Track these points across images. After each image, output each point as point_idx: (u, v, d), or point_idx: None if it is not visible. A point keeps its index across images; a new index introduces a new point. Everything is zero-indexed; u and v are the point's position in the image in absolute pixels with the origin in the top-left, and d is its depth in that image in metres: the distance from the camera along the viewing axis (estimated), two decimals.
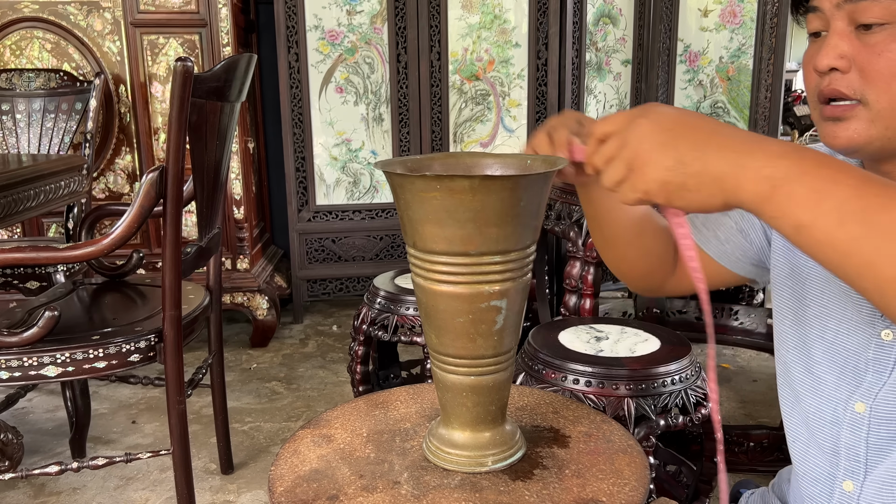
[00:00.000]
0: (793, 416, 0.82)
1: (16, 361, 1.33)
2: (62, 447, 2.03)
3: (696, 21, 3.10)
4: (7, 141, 2.31)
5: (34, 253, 1.34)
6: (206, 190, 1.54)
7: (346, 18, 2.91)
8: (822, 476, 0.77)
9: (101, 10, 2.54)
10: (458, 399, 0.71)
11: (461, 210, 0.63)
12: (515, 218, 0.65)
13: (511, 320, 0.69)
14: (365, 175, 3.06)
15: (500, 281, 0.67)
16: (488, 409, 0.71)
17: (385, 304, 1.82)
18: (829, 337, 0.75)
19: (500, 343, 0.70)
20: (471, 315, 0.67)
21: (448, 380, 0.71)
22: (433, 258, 0.67)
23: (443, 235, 0.65)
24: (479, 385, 0.70)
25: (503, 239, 0.65)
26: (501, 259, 0.66)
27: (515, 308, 0.69)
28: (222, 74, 1.47)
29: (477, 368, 0.70)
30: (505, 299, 0.67)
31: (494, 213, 0.63)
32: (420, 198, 0.64)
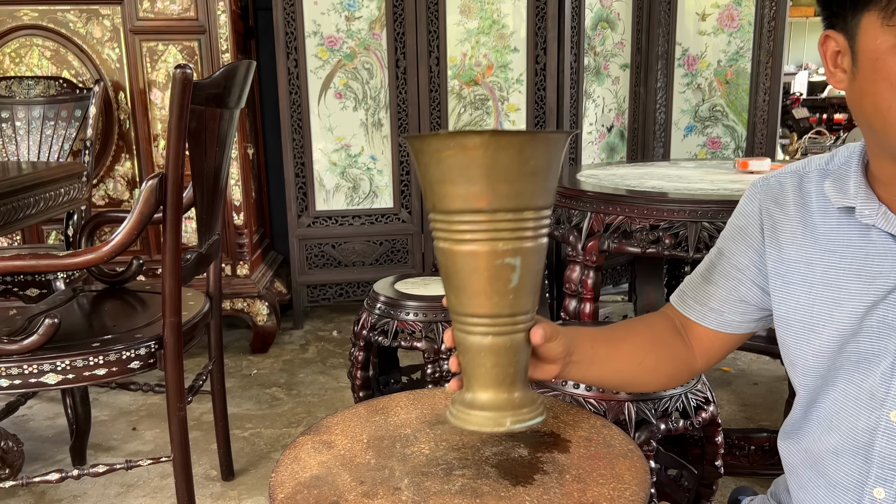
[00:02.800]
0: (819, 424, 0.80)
1: (16, 369, 1.33)
2: (62, 454, 2.03)
3: (694, 25, 3.11)
4: (7, 148, 2.31)
5: (34, 260, 1.34)
6: (205, 196, 1.54)
7: (344, 24, 2.92)
8: (850, 484, 0.76)
9: (101, 18, 2.55)
10: (478, 360, 0.73)
11: (473, 167, 0.66)
12: (526, 176, 0.68)
13: (526, 280, 0.71)
14: (364, 180, 3.07)
15: (514, 239, 0.69)
16: (507, 371, 0.73)
17: (385, 309, 1.82)
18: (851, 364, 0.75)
19: (515, 302, 0.71)
20: (487, 273, 0.70)
21: (467, 341, 0.73)
22: (451, 218, 0.70)
23: (458, 194, 0.68)
24: (497, 345, 0.72)
25: (515, 196, 0.68)
26: (514, 217, 0.69)
27: (530, 269, 0.71)
28: (221, 81, 1.47)
29: (494, 328, 0.72)
30: (519, 257, 0.70)
31: (505, 169, 0.67)
32: (437, 158, 0.68)
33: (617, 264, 3.08)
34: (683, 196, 1.69)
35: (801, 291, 0.79)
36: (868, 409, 0.74)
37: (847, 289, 0.75)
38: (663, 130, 3.21)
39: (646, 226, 1.67)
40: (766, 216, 0.84)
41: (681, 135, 3.22)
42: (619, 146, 3.25)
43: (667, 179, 1.98)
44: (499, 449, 0.83)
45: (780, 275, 0.82)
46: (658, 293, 2.37)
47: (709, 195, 1.69)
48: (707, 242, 1.60)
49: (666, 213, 1.65)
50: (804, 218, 0.79)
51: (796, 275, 0.80)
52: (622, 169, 2.29)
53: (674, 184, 1.89)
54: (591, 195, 1.80)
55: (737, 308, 0.87)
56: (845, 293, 0.75)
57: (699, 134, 3.21)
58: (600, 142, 3.16)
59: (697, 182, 1.91)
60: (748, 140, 3.12)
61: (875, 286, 0.72)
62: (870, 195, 0.73)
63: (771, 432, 1.86)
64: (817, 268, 0.77)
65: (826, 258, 0.77)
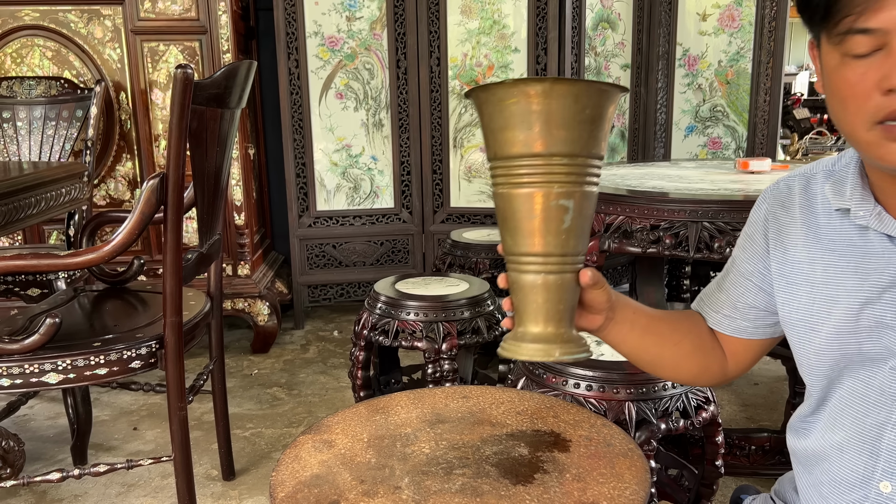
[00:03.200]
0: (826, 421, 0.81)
1: (17, 368, 1.33)
2: (64, 454, 2.03)
3: (695, 25, 3.11)
4: (8, 148, 2.32)
5: (35, 260, 1.34)
6: (206, 196, 1.54)
7: (345, 24, 2.92)
8: (856, 479, 0.76)
9: (102, 18, 2.55)
10: (530, 296, 0.78)
11: (533, 113, 0.72)
12: (580, 124, 0.74)
13: (577, 223, 0.77)
14: (365, 181, 3.07)
15: (568, 182, 0.75)
16: (556, 307, 0.78)
17: (386, 309, 1.82)
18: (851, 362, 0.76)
19: (566, 243, 0.77)
20: (542, 214, 0.75)
21: (521, 279, 0.78)
22: (510, 163, 0.76)
23: (518, 139, 0.74)
24: (548, 283, 0.77)
25: (569, 142, 0.74)
26: (569, 162, 0.74)
27: (581, 213, 0.77)
28: (222, 81, 1.48)
29: (546, 266, 0.77)
30: (571, 200, 0.75)
31: (562, 116, 0.73)
32: (500, 106, 0.74)
33: (617, 264, 3.08)
34: (684, 196, 1.69)
35: (803, 291, 0.80)
36: (878, 406, 0.74)
37: (844, 286, 0.76)
38: (664, 131, 3.21)
39: (646, 226, 1.67)
40: (771, 221, 0.85)
41: (681, 135, 3.22)
42: (620, 146, 3.26)
43: (667, 179, 1.98)
44: (499, 448, 0.84)
45: (783, 276, 0.83)
46: (658, 293, 2.37)
47: (709, 195, 1.69)
48: (707, 242, 1.60)
49: (666, 213, 1.65)
50: (808, 219, 0.81)
51: (799, 275, 0.81)
52: (623, 169, 2.29)
53: (674, 184, 1.89)
54: None
55: (747, 314, 0.89)
56: (842, 291, 0.76)
57: (700, 134, 3.21)
58: None
59: (698, 182, 1.91)
60: (749, 140, 3.12)
61: (870, 283, 0.74)
62: (865, 196, 0.74)
63: (771, 432, 1.86)
64: (818, 266, 0.79)
65: (827, 257, 0.78)
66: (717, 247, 1.59)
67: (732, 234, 1.58)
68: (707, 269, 2.63)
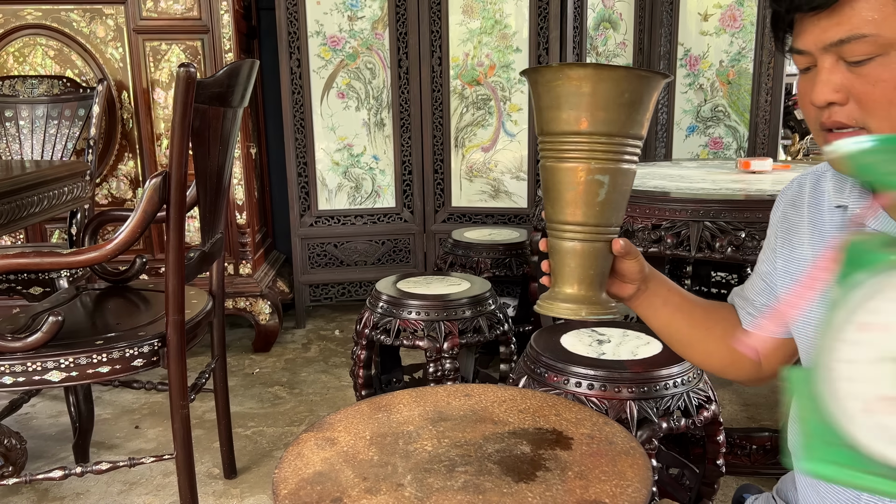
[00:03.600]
0: None
1: (20, 366, 1.33)
2: (65, 452, 2.04)
3: (697, 25, 3.11)
4: (10, 147, 2.32)
5: (38, 258, 1.34)
6: (208, 195, 1.55)
7: (347, 24, 2.92)
8: None
9: (104, 17, 2.55)
10: (565, 260, 0.86)
11: (577, 95, 0.79)
12: (621, 107, 0.80)
13: (612, 197, 0.83)
14: (367, 180, 3.07)
15: (605, 160, 0.82)
16: (587, 272, 0.85)
17: (387, 308, 1.82)
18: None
19: (601, 214, 0.84)
20: (580, 186, 0.83)
21: (558, 244, 0.86)
22: (556, 139, 0.83)
23: (563, 118, 0.81)
24: (582, 249, 0.85)
25: (609, 122, 0.80)
26: (608, 140, 0.81)
27: (617, 187, 0.83)
28: (225, 80, 1.48)
29: (581, 234, 0.84)
30: (607, 176, 0.82)
31: (603, 99, 0.79)
32: (547, 87, 0.81)
33: None
34: (685, 196, 1.69)
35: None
36: None
37: None
38: (665, 130, 3.21)
39: (648, 225, 1.67)
40: (782, 221, 0.87)
41: (682, 135, 3.22)
42: None
43: (669, 179, 1.98)
44: (501, 446, 0.84)
45: (788, 273, 0.84)
46: None
47: (711, 195, 1.70)
48: (709, 242, 1.60)
49: (668, 213, 1.65)
50: (814, 216, 0.82)
51: (803, 270, 0.82)
52: None
53: (676, 183, 1.89)
54: None
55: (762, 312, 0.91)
56: None
57: (701, 134, 3.21)
58: None
59: (700, 182, 1.91)
60: (750, 140, 3.12)
61: None
62: (864, 194, 0.75)
63: (773, 432, 1.86)
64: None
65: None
66: (719, 246, 1.59)
67: (734, 234, 1.58)
68: (708, 269, 2.63)
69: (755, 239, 1.58)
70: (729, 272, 2.60)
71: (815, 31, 0.67)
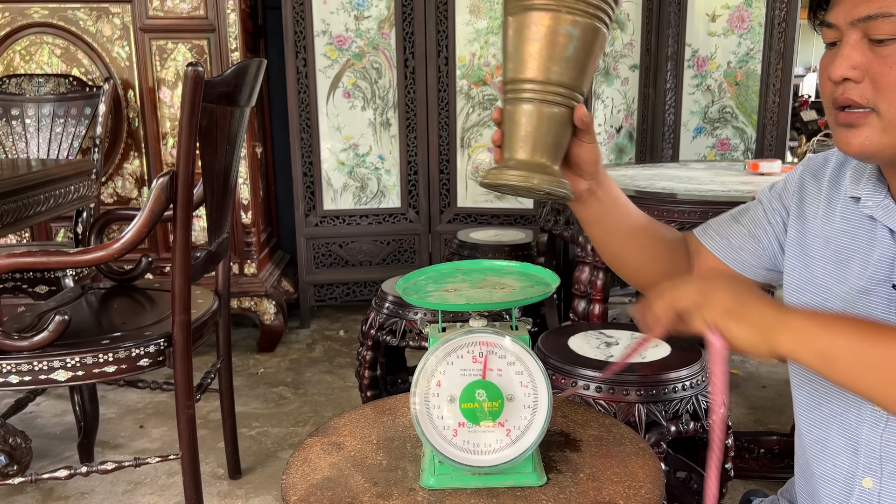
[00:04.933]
0: (809, 417, 0.82)
1: (26, 365, 1.33)
2: (70, 451, 2.03)
3: (704, 26, 3.10)
4: (17, 146, 2.32)
5: (45, 257, 1.34)
6: (215, 194, 1.54)
7: (353, 23, 2.92)
8: (841, 475, 0.78)
9: (111, 16, 2.55)
10: (521, 123, 0.77)
11: None
12: None
13: (580, 56, 0.76)
14: (372, 180, 3.06)
15: (578, 10, 0.74)
16: (545, 139, 0.77)
17: (393, 308, 1.81)
18: None
19: (566, 73, 0.76)
20: (546, 38, 0.75)
21: (515, 108, 0.78)
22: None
23: None
24: (542, 112, 0.76)
25: None
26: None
27: (586, 46, 0.76)
28: (232, 79, 1.47)
29: (542, 94, 0.76)
30: (578, 29, 0.75)
31: None
32: None
33: None
34: (694, 197, 1.68)
35: (817, 266, 0.82)
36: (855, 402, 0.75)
37: (851, 270, 0.77)
38: (672, 132, 3.20)
39: None
40: (800, 186, 0.87)
41: (690, 136, 3.21)
42: (628, 147, 3.24)
43: (677, 181, 1.97)
44: None
45: (800, 244, 0.84)
46: None
47: (719, 196, 1.69)
48: None
49: (676, 214, 1.64)
50: (832, 195, 0.82)
51: (815, 250, 0.82)
52: (632, 170, 2.28)
53: (684, 185, 1.88)
54: None
55: (754, 252, 0.90)
56: (850, 274, 0.78)
57: (708, 135, 3.19)
58: (609, 143, 3.15)
59: (708, 184, 1.90)
60: (758, 142, 3.10)
61: (869, 273, 0.75)
62: (878, 188, 0.76)
63: (780, 435, 1.85)
64: (832, 245, 0.80)
65: (841, 238, 0.80)
66: None
67: None
68: None
69: None
70: None
71: (846, 4, 0.68)
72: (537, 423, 0.73)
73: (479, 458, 0.73)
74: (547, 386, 0.73)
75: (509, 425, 0.73)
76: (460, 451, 0.73)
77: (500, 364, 0.73)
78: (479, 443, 0.73)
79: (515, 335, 0.73)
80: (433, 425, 0.73)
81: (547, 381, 0.73)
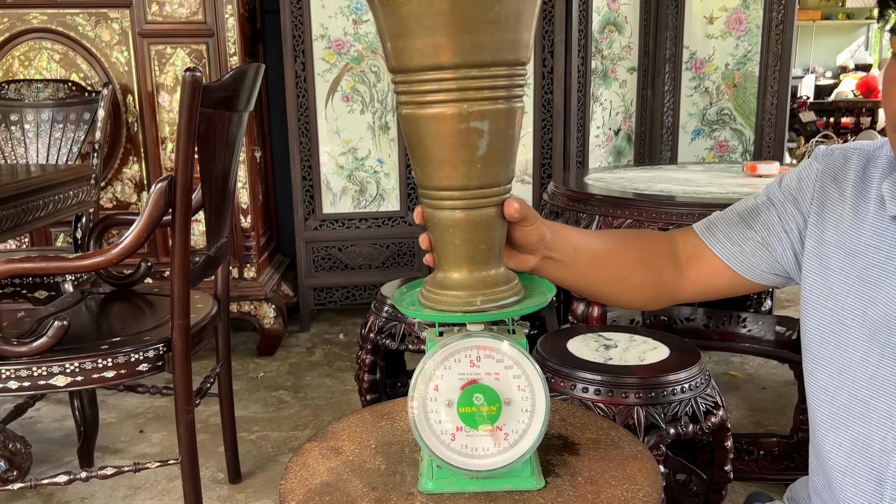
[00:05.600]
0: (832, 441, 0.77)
1: (25, 371, 1.33)
2: (70, 456, 2.03)
3: (702, 28, 3.10)
4: (16, 151, 2.32)
5: (44, 263, 1.34)
6: (214, 199, 1.54)
7: (352, 28, 2.92)
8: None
9: (109, 21, 2.56)
10: (447, 236, 0.69)
11: (430, 14, 0.59)
12: (492, 25, 0.60)
13: (497, 148, 0.65)
14: (371, 183, 3.07)
15: (479, 100, 0.63)
16: (478, 248, 0.69)
17: (392, 312, 1.81)
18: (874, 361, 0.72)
19: (484, 173, 0.66)
20: (451, 139, 0.64)
21: (436, 217, 0.69)
22: (411, 77, 0.63)
23: (416, 47, 0.61)
24: (467, 220, 0.68)
25: (479, 49, 0.61)
26: (479, 74, 0.62)
27: (501, 135, 0.65)
28: (231, 84, 1.48)
29: (462, 202, 0.67)
30: (486, 121, 0.63)
31: (467, 16, 0.59)
32: (391, 6, 0.61)
33: None
34: (692, 199, 1.69)
35: (836, 280, 0.75)
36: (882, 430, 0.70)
37: (883, 292, 0.71)
38: (671, 134, 3.20)
39: (654, 229, 1.66)
40: (819, 189, 0.79)
41: (688, 138, 3.21)
42: (627, 149, 3.25)
43: (675, 183, 1.97)
44: None
45: (818, 256, 0.78)
46: None
47: (717, 199, 1.69)
48: None
49: (675, 217, 1.64)
50: (859, 204, 0.75)
51: (835, 261, 0.76)
52: (630, 172, 2.29)
53: (682, 187, 1.88)
54: (599, 198, 1.80)
55: (766, 260, 0.84)
56: (883, 294, 0.71)
57: (706, 137, 3.20)
58: (608, 145, 3.15)
59: (706, 186, 1.90)
60: (756, 144, 3.11)
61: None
62: None
63: (780, 437, 1.85)
64: (859, 261, 0.74)
65: (870, 254, 0.73)
66: None
67: None
68: None
69: None
70: None
71: None
72: (535, 427, 0.73)
73: (477, 462, 0.73)
74: (544, 389, 0.73)
75: (507, 429, 0.73)
76: (458, 455, 0.73)
77: (498, 368, 0.73)
78: (477, 447, 0.73)
79: (513, 339, 0.74)
80: (431, 430, 0.72)
81: (544, 384, 0.73)
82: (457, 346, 0.72)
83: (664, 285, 0.88)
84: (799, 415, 1.79)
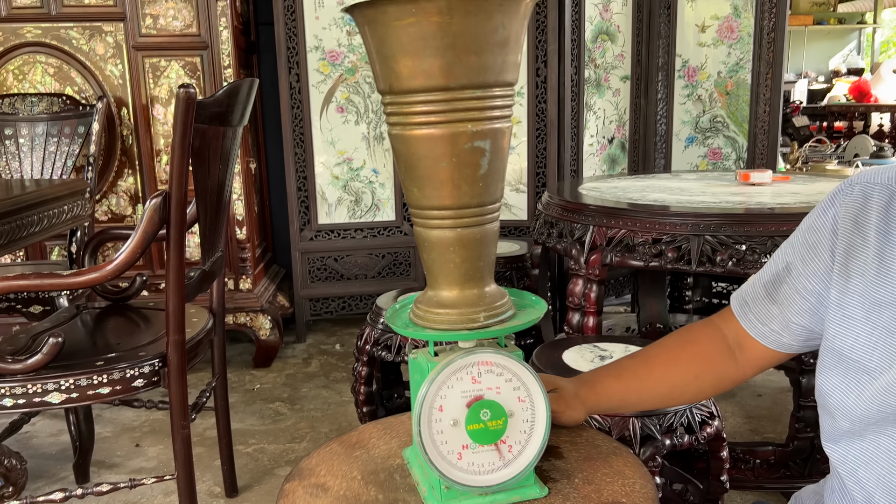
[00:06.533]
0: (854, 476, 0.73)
1: (20, 388, 1.33)
2: (66, 472, 2.03)
3: (694, 36, 3.12)
4: (10, 165, 2.32)
5: (38, 280, 1.34)
6: (209, 214, 1.54)
7: (346, 39, 2.93)
8: None
9: (104, 35, 2.56)
10: (445, 256, 0.68)
11: (439, 36, 0.59)
12: (497, 46, 0.62)
13: (496, 166, 0.66)
14: (367, 194, 3.07)
15: (483, 119, 0.64)
16: (476, 266, 0.69)
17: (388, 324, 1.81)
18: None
19: (485, 191, 0.67)
20: (454, 159, 0.64)
21: (433, 236, 0.68)
22: (411, 98, 0.63)
23: (421, 69, 0.61)
24: (466, 238, 0.68)
25: (485, 70, 0.62)
26: (483, 94, 0.63)
27: (500, 153, 0.66)
28: (224, 100, 1.48)
29: (462, 220, 0.67)
30: (489, 140, 0.64)
31: (474, 38, 0.60)
32: (395, 28, 0.60)
33: (619, 275, 3.08)
34: (685, 209, 1.69)
35: (862, 330, 0.70)
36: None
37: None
38: (664, 142, 3.22)
39: (648, 239, 1.67)
40: (840, 238, 0.73)
41: (682, 146, 3.23)
42: (621, 158, 3.26)
43: (669, 192, 1.98)
44: None
45: (841, 307, 0.72)
46: (661, 305, 2.36)
47: (711, 208, 1.70)
48: (710, 256, 1.60)
49: (668, 227, 1.65)
50: (883, 248, 0.69)
51: (860, 311, 0.70)
52: (624, 181, 2.29)
53: (676, 196, 1.89)
54: (593, 209, 1.80)
55: (797, 333, 0.81)
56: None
57: (700, 145, 3.21)
58: (601, 153, 3.16)
59: (699, 195, 1.91)
60: (749, 150, 3.12)
61: None
62: None
63: (776, 446, 1.85)
64: (887, 312, 0.67)
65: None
66: (720, 260, 1.59)
67: (734, 248, 1.58)
68: (709, 281, 2.63)
69: (756, 252, 1.57)
70: (730, 282, 2.60)
71: None
72: (536, 437, 0.74)
73: (484, 479, 0.73)
74: (544, 397, 0.74)
75: (510, 441, 0.74)
76: (466, 473, 0.73)
77: (499, 382, 0.73)
78: (483, 463, 0.74)
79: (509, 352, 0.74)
80: (438, 451, 0.72)
81: (544, 393, 0.74)
82: (458, 364, 0.72)
83: (726, 380, 0.91)
84: (795, 423, 1.79)
